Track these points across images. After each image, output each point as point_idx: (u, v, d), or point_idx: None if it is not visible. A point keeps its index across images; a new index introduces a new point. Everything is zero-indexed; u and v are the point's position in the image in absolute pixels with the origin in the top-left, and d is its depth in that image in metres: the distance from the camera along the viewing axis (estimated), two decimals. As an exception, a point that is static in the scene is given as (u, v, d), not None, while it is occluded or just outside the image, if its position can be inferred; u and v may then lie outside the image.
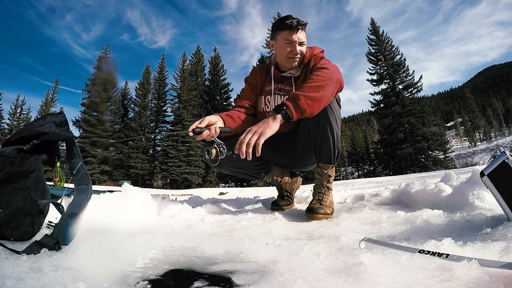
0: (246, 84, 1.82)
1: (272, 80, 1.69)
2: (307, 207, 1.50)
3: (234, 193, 9.76)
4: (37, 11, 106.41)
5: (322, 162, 1.57)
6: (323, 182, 1.57)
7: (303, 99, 1.25)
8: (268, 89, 1.70)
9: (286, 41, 1.56)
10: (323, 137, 1.51)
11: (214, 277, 0.71)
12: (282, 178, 1.88)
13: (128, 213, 1.33)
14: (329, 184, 1.57)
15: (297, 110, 1.25)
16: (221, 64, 37.58)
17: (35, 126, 0.98)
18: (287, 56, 1.59)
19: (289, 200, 1.89)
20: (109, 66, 35.35)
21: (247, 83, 1.82)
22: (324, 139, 1.51)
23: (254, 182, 33.13)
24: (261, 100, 1.71)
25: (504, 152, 0.84)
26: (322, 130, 1.50)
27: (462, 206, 1.20)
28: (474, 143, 71.11)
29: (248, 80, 1.81)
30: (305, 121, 1.52)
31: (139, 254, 0.85)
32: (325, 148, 1.53)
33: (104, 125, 31.56)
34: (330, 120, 1.49)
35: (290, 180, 1.92)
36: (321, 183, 1.57)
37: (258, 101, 1.73)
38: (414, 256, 0.66)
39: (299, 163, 1.82)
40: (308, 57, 1.62)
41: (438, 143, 30.24)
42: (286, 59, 1.61)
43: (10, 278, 0.58)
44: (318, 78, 1.34)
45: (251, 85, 1.79)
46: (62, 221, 0.88)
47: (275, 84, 1.68)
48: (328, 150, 1.54)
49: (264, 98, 1.70)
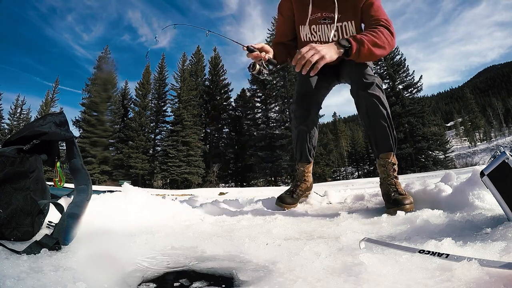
0: (280, 16, 1.72)
1: (310, 5, 1.55)
2: (389, 201, 1.41)
3: (234, 193, 9.77)
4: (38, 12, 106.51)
5: (383, 153, 1.50)
6: (390, 172, 1.50)
7: (366, 48, 1.29)
8: (313, 18, 1.57)
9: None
10: (376, 127, 1.46)
11: (214, 277, 0.71)
12: (308, 175, 1.87)
13: (128, 213, 1.33)
14: (395, 173, 1.52)
15: (357, 56, 1.30)
16: (221, 64, 37.61)
17: (35, 126, 0.98)
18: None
19: (295, 200, 1.86)
20: (109, 66, 35.37)
21: (280, 14, 1.72)
22: (379, 128, 1.46)
23: (254, 182, 33.14)
24: (304, 29, 1.60)
25: (504, 152, 0.84)
26: (374, 119, 1.46)
27: (462, 206, 1.20)
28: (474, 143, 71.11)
29: (282, 11, 1.70)
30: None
31: (139, 254, 0.85)
32: (381, 136, 1.48)
33: (104, 125, 31.57)
34: (379, 107, 1.43)
35: (311, 182, 1.90)
36: (388, 173, 1.50)
37: (299, 30, 1.63)
38: (414, 256, 0.66)
39: None
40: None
41: (438, 143, 30.27)
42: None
43: (10, 278, 0.58)
44: (382, 39, 1.33)
45: (285, 17, 1.68)
46: (62, 221, 0.88)
47: (318, 11, 1.56)
48: (386, 138, 1.47)
49: (309, 27, 1.58)
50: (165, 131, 34.25)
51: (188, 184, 30.09)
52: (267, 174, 31.81)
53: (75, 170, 1.05)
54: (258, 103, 34.10)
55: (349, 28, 1.51)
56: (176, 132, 32.00)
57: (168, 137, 32.48)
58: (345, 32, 1.51)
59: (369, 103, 1.45)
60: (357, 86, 1.48)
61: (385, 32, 1.36)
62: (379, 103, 1.44)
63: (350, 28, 1.51)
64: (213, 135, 35.62)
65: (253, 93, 34.15)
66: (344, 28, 1.51)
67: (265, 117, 33.27)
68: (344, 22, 1.50)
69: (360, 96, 1.48)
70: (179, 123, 32.11)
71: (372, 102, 1.44)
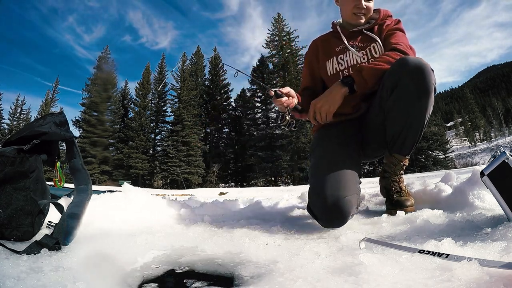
0: (305, 63, 1.70)
1: (342, 37, 1.52)
2: (391, 201, 1.37)
3: (234, 193, 9.76)
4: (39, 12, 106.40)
5: (400, 154, 1.37)
6: (397, 171, 1.43)
7: (366, 67, 1.23)
8: (339, 49, 1.52)
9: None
10: (410, 128, 1.26)
11: (214, 277, 0.71)
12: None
13: (128, 213, 1.33)
14: (402, 171, 1.45)
15: (360, 77, 1.23)
16: (221, 64, 37.61)
17: (35, 126, 0.98)
18: (352, 11, 1.46)
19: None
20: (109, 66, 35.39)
21: (306, 61, 1.69)
22: (412, 131, 1.27)
23: (254, 182, 33.17)
24: (331, 62, 1.54)
25: (504, 152, 0.84)
26: (414, 119, 1.24)
27: (462, 206, 1.20)
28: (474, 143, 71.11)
29: (308, 58, 1.67)
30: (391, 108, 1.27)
31: (139, 254, 0.85)
32: (409, 140, 1.30)
33: (104, 125, 31.59)
34: (427, 107, 1.20)
35: None
36: (395, 172, 1.43)
37: (326, 66, 1.56)
38: (414, 256, 0.66)
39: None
40: (382, 17, 1.49)
41: (438, 143, 30.28)
42: (351, 15, 1.48)
43: (10, 278, 0.58)
44: (385, 58, 1.26)
45: (310, 62, 1.65)
46: (62, 221, 0.88)
47: (347, 40, 1.51)
48: (412, 142, 1.31)
49: (337, 58, 1.53)
50: (165, 131, 34.30)
51: (188, 184, 30.10)
52: (267, 174, 31.82)
53: (75, 170, 1.05)
54: (258, 103, 34.12)
55: (378, 48, 1.43)
56: (176, 132, 32.02)
57: (168, 137, 32.50)
58: (373, 52, 1.43)
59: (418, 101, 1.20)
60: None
61: (392, 53, 1.28)
62: (429, 104, 1.21)
63: (378, 48, 1.43)
64: (213, 135, 35.64)
65: (253, 93, 34.18)
66: (373, 48, 1.44)
67: (265, 117, 33.28)
68: (373, 44, 1.44)
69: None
70: (179, 123, 32.13)
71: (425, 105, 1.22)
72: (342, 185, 1.12)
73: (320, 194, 1.13)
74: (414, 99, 1.18)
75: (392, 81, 1.20)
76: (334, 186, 1.12)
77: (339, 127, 1.44)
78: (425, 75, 1.13)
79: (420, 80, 1.14)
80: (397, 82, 1.19)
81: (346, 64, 1.48)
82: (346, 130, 1.42)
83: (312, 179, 1.24)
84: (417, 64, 1.14)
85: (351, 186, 1.14)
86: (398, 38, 1.39)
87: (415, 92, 1.16)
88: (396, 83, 1.19)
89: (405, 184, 1.50)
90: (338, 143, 1.34)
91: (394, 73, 1.20)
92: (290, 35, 33.16)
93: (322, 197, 1.11)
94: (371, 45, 1.45)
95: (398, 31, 1.43)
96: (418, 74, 1.14)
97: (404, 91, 1.18)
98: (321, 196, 1.12)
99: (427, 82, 1.14)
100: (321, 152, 1.35)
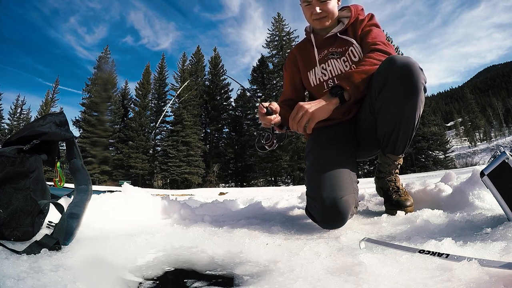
0: (286, 74, 1.67)
1: (314, 47, 1.50)
2: (390, 201, 1.36)
3: (234, 193, 9.76)
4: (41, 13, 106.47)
5: (393, 154, 1.36)
6: (392, 171, 1.43)
7: (356, 75, 1.18)
8: (321, 57, 1.50)
9: (304, 2, 1.43)
10: (401, 128, 1.24)
11: (214, 276, 0.71)
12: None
13: (128, 213, 1.33)
14: (397, 170, 1.45)
15: (352, 85, 1.18)
16: (221, 64, 37.60)
17: (35, 126, 0.98)
18: (311, 18, 1.45)
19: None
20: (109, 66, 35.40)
21: (287, 72, 1.66)
22: (403, 131, 1.25)
23: (254, 182, 33.17)
24: (314, 72, 1.52)
25: (504, 152, 0.84)
26: (404, 119, 1.22)
27: (462, 206, 1.20)
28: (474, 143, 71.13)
29: (289, 68, 1.65)
30: (385, 108, 1.25)
31: (139, 254, 0.85)
32: (401, 140, 1.28)
33: (104, 125, 31.59)
34: (418, 107, 1.19)
35: None
36: (390, 172, 1.43)
37: (307, 78, 1.54)
38: (414, 256, 0.66)
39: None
40: (354, 15, 1.46)
41: (438, 143, 30.28)
42: (313, 21, 1.46)
43: (10, 278, 0.58)
44: (370, 61, 1.22)
45: (291, 73, 1.62)
46: (62, 221, 0.88)
47: (323, 50, 1.49)
48: (404, 142, 1.29)
49: (319, 67, 1.50)
50: (165, 131, 34.27)
51: (188, 184, 30.09)
52: (267, 174, 31.83)
53: (75, 170, 1.05)
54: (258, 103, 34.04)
55: (356, 51, 1.41)
56: (176, 132, 32.02)
57: (168, 137, 32.49)
58: (353, 56, 1.42)
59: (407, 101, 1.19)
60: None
61: (375, 54, 1.27)
62: (419, 104, 1.20)
63: (356, 51, 1.41)
64: (213, 135, 35.62)
65: (253, 93, 34.10)
66: (351, 52, 1.42)
67: (265, 117, 33.24)
68: (350, 47, 1.43)
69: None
70: (179, 123, 32.13)
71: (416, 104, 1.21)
72: (338, 186, 1.11)
73: (317, 197, 1.12)
74: (403, 98, 1.16)
75: (380, 81, 1.18)
76: (330, 187, 1.11)
77: (332, 129, 1.43)
78: (413, 73, 1.11)
79: (408, 79, 1.12)
80: (385, 83, 1.17)
81: (330, 74, 1.47)
82: (339, 131, 1.42)
83: (308, 182, 1.24)
84: (405, 63, 1.12)
85: (348, 186, 1.14)
86: (374, 36, 1.36)
87: (404, 91, 1.14)
88: (384, 83, 1.18)
89: (402, 183, 1.50)
90: (331, 145, 1.34)
91: (381, 74, 1.18)
92: (290, 35, 33.16)
93: (319, 200, 1.11)
94: (349, 49, 1.43)
95: (373, 27, 1.40)
96: (406, 73, 1.12)
97: (393, 91, 1.16)
98: (317, 199, 1.12)
99: (415, 81, 1.12)
100: (315, 155, 1.34)
